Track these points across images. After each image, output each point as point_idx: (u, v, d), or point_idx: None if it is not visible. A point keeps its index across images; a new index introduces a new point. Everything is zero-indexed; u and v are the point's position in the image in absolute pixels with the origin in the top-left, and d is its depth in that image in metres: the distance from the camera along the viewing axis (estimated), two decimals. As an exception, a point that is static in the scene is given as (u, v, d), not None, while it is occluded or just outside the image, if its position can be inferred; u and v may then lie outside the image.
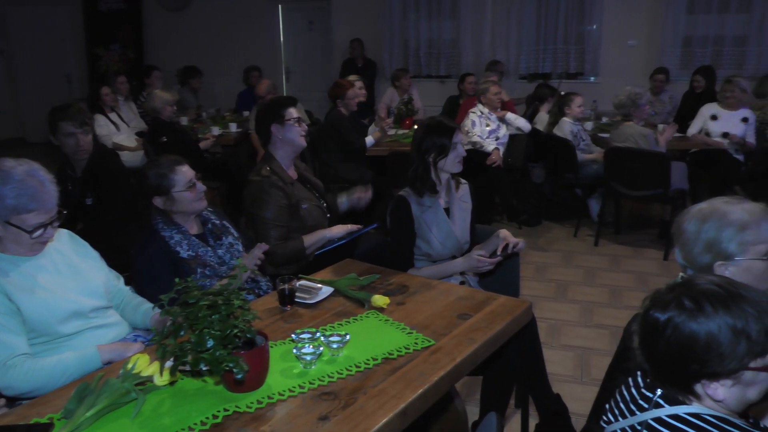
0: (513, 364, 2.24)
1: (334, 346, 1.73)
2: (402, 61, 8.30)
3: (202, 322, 1.46)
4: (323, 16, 8.85)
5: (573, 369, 3.15)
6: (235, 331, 1.47)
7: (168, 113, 5.03)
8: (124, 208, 3.27)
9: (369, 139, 5.11)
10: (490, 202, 5.58)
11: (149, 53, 9.63)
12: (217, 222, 2.46)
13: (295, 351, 1.68)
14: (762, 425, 1.19)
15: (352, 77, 5.36)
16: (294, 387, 1.58)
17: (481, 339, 1.84)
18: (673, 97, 6.59)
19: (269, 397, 1.53)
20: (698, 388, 1.14)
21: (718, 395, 1.12)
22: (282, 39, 9.26)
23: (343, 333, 1.79)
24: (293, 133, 2.82)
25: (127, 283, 2.26)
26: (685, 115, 6.04)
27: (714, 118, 5.34)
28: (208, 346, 1.43)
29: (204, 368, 1.43)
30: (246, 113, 6.57)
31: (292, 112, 2.84)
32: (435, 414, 2.09)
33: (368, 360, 1.71)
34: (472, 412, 2.43)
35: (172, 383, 1.57)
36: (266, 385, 1.58)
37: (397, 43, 8.31)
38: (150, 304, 2.10)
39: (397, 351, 1.76)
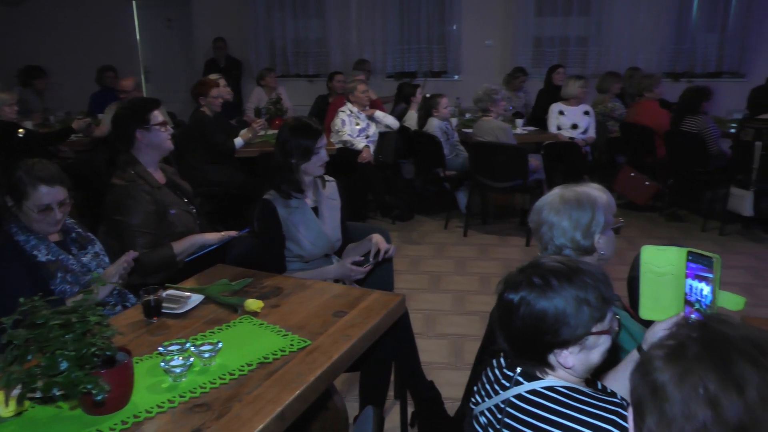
0: (388, 357, 2.29)
1: (206, 355, 1.66)
2: (269, 61, 8.17)
3: (53, 344, 1.34)
4: (182, 14, 8.47)
5: (448, 356, 3.28)
6: (93, 349, 1.36)
7: (7, 114, 4.59)
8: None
9: (238, 141, 4.97)
10: (363, 198, 5.66)
11: (-18, 51, 8.69)
12: (81, 232, 2.31)
13: (162, 364, 1.59)
14: (609, 390, 1.31)
15: (213, 76, 5.18)
16: (163, 402, 1.49)
17: (357, 335, 1.86)
18: (527, 93, 7.07)
19: (135, 416, 1.44)
20: (551, 358, 1.23)
21: (569, 362, 1.22)
22: (138, 37, 8.74)
23: (215, 341, 1.73)
24: (159, 137, 2.68)
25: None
26: (539, 110, 6.50)
27: (561, 113, 5.81)
28: (62, 368, 1.31)
29: (58, 393, 1.31)
30: (101, 116, 6.13)
31: (157, 116, 2.70)
32: (315, 412, 2.08)
33: (243, 366, 1.66)
34: (353, 408, 2.45)
35: (19, 413, 1.43)
36: (131, 404, 1.48)
37: (263, 42, 8.16)
38: None
39: (273, 354, 1.73)
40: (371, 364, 2.27)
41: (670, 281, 1.32)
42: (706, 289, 1.25)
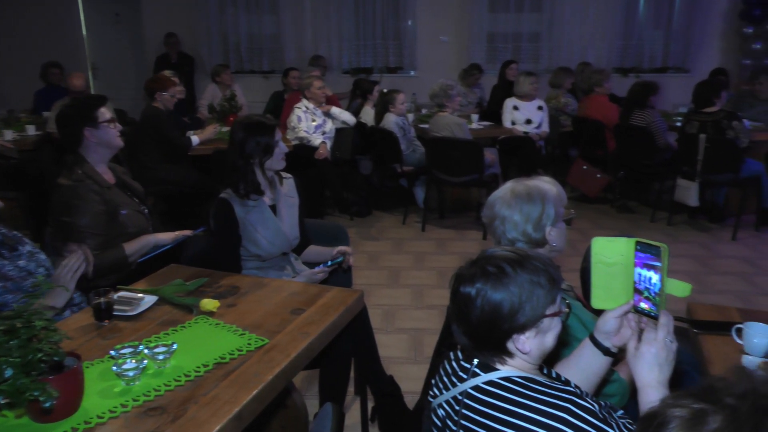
0: (347, 353, 2.29)
1: (160, 357, 1.62)
2: (222, 56, 8.03)
3: (-3, 351, 1.29)
4: (131, 9, 8.24)
5: (407, 350, 3.29)
6: (39, 355, 1.31)
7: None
8: None
9: (194, 138, 4.88)
10: (321, 195, 5.63)
11: None
12: (6, 232, 2.17)
13: (114, 368, 1.55)
14: (563, 378, 1.33)
15: (166, 72, 5.06)
16: (115, 407, 1.45)
17: (316, 332, 1.85)
18: (482, 89, 7.16)
19: (86, 422, 1.40)
20: (510, 345, 1.25)
21: (526, 348, 1.25)
22: (85, 33, 8.46)
23: (169, 342, 1.69)
24: (109, 135, 2.60)
25: None
26: (494, 105, 6.59)
27: (516, 108, 5.90)
28: (6, 375, 1.26)
29: (2, 401, 1.26)
30: (46, 114, 5.92)
31: (105, 113, 2.61)
32: (274, 411, 2.06)
33: (198, 367, 1.63)
34: (313, 405, 2.44)
35: (-38, 425, 1.37)
36: (82, 410, 1.43)
37: (216, 38, 8.02)
38: None
39: (230, 354, 1.71)
40: (330, 361, 2.26)
41: (620, 271, 1.36)
42: (655, 278, 1.28)
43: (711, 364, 1.69)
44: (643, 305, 1.31)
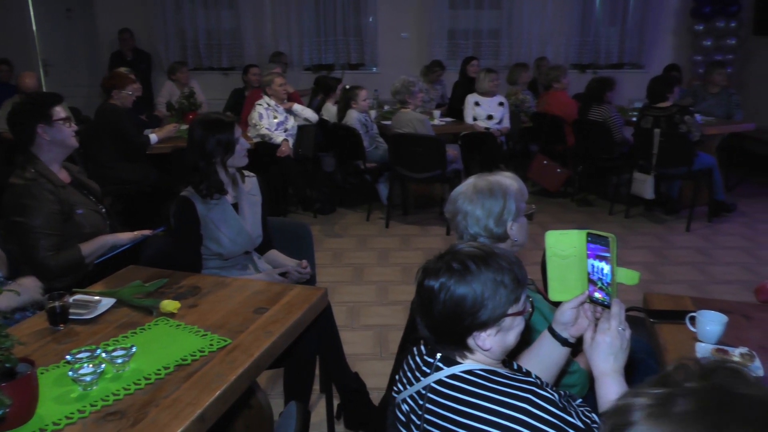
0: (312, 351, 2.28)
1: (119, 361, 1.59)
2: (180, 53, 7.87)
3: (-56, 359, 1.24)
4: (83, 4, 8.00)
5: (372, 347, 3.30)
6: (-10, 362, 1.27)
7: None
8: None
9: (152, 136, 4.78)
10: (284, 193, 5.59)
11: None
12: None
13: (71, 373, 1.51)
14: (525, 369, 1.36)
15: (122, 69, 4.94)
16: (72, 413, 1.42)
17: (279, 331, 1.84)
18: (444, 86, 7.20)
19: (41, 430, 1.35)
20: (470, 341, 1.26)
21: (486, 345, 1.26)
22: (35, 28, 8.18)
23: (128, 345, 1.65)
24: (64, 133, 2.53)
25: None
26: (456, 101, 6.63)
27: (477, 105, 5.96)
28: (-45, 384, 1.22)
29: (-49, 411, 1.21)
30: (-5, 112, 5.71)
31: (60, 111, 2.54)
32: (238, 411, 2.04)
33: (159, 370, 1.60)
34: (278, 404, 2.42)
35: None
36: (37, 417, 1.39)
37: (173, 34, 7.84)
38: None
39: (191, 356, 1.68)
40: (295, 360, 2.25)
41: (574, 263, 1.39)
42: (606, 268, 1.32)
43: (666, 352, 1.74)
44: (597, 295, 1.35)
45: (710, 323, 1.74)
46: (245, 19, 7.77)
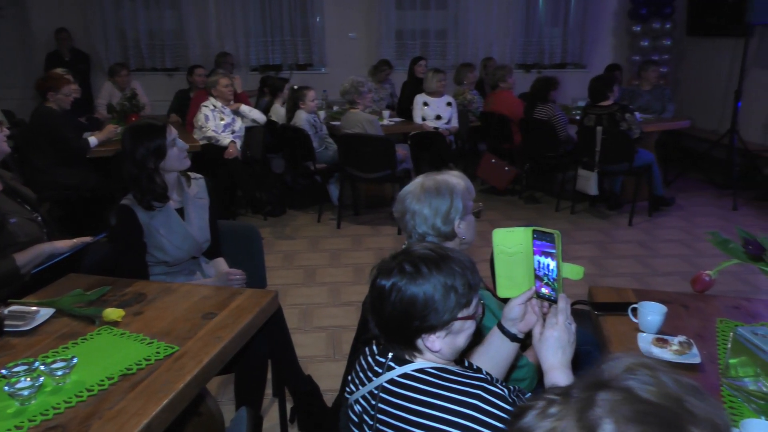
0: (263, 355, 2.25)
1: (59, 373, 1.52)
2: (121, 53, 7.63)
3: None
4: (15, 1, 7.65)
5: (326, 348, 3.28)
6: None
7: None
8: None
9: (92, 139, 4.61)
10: (232, 195, 5.50)
11: None
12: None
13: (6, 388, 1.44)
14: (475, 366, 1.37)
15: (59, 70, 4.76)
16: (9, 429, 1.35)
17: (229, 336, 1.80)
18: (393, 85, 7.23)
19: (-25, 450, 1.29)
20: (419, 342, 1.27)
21: (435, 347, 1.26)
22: (-37, 27, 7.78)
23: (68, 357, 1.59)
24: None
25: None
26: (405, 101, 6.67)
27: (426, 105, 6.01)
28: None
29: None
30: None
31: None
32: (187, 419, 1.99)
33: (102, 381, 1.55)
34: (230, 411, 2.38)
35: None
36: (-30, 436, 1.33)
37: (113, 34, 7.59)
38: None
39: (137, 365, 1.63)
40: (246, 364, 2.21)
41: (521, 259, 1.41)
42: (552, 264, 1.34)
43: (611, 343, 1.79)
44: (544, 291, 1.37)
45: (651, 314, 1.80)
46: (188, 19, 7.60)
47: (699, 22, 7.44)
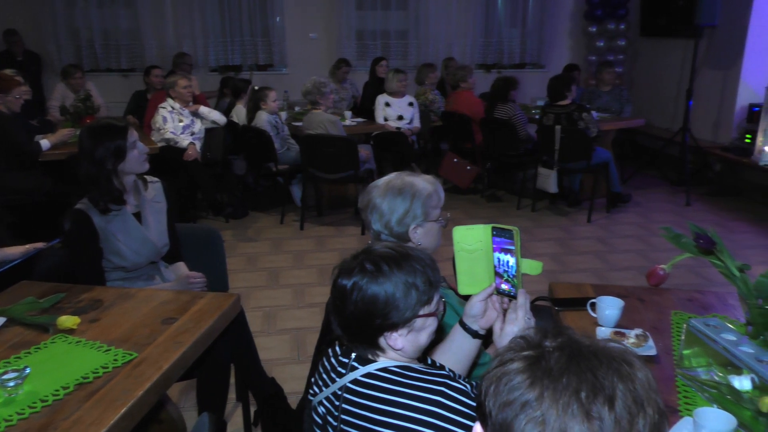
0: (225, 360, 2.22)
1: (10, 384, 1.47)
2: (74, 53, 7.41)
3: None
4: (-37, 1, 7.37)
5: (290, 350, 3.26)
6: None
7: None
8: None
9: (44, 142, 4.48)
10: (192, 198, 5.41)
11: None
12: None
13: (-45, 402, 1.38)
14: (438, 363, 1.38)
15: (8, 72, 4.60)
16: (-43, 445, 1.30)
17: (189, 341, 1.77)
18: (353, 84, 7.22)
19: None
20: (382, 341, 1.27)
21: (398, 345, 1.27)
22: None
23: (21, 367, 1.54)
24: None
25: None
26: (367, 101, 6.67)
27: (387, 105, 6.02)
28: None
29: None
30: None
31: None
32: (147, 427, 1.95)
33: (57, 391, 1.50)
34: (192, 417, 2.34)
35: None
36: None
37: (65, 34, 7.36)
38: None
39: (93, 373, 1.58)
40: (207, 369, 2.17)
41: (481, 257, 1.43)
42: (512, 260, 1.36)
43: (571, 337, 1.82)
44: (504, 287, 1.39)
45: (608, 308, 1.84)
46: (144, 18, 7.43)
47: (651, 23, 7.64)
